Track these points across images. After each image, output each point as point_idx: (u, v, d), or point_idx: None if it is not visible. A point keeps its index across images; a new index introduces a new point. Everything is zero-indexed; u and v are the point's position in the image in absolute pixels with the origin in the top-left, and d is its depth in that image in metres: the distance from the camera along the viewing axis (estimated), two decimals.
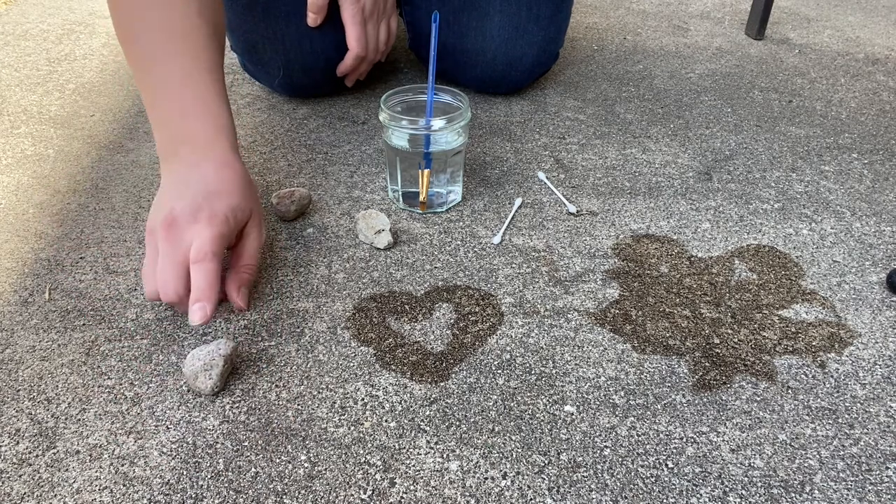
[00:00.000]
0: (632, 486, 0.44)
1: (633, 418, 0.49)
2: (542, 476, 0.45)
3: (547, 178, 0.76)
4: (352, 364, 0.52)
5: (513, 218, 0.70)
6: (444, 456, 0.46)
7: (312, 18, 0.80)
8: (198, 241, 0.52)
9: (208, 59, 0.61)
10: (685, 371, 0.53)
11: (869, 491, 0.44)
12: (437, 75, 0.67)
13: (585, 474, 0.45)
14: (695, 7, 1.34)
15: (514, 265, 0.63)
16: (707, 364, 0.53)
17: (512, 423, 0.48)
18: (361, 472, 0.45)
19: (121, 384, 0.50)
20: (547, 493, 0.43)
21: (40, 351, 0.53)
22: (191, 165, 0.57)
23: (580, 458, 0.46)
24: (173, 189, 0.56)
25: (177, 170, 0.57)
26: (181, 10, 0.59)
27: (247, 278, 0.57)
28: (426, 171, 0.66)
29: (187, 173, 0.56)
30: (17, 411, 0.48)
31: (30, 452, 0.45)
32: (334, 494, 0.43)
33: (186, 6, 0.59)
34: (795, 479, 0.45)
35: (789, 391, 0.51)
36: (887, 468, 0.46)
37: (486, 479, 0.44)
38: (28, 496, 0.43)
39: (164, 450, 0.46)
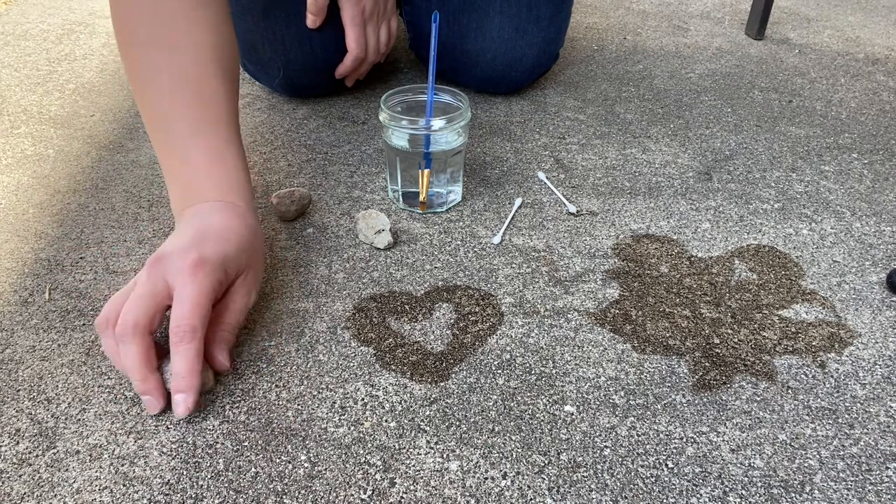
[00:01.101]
0: (632, 486, 0.44)
1: (633, 418, 0.49)
2: (542, 476, 0.44)
3: (547, 178, 0.76)
4: (352, 364, 0.52)
5: (513, 218, 0.70)
6: (444, 456, 0.46)
7: (312, 20, 0.80)
8: (179, 308, 0.46)
9: (221, 108, 0.58)
10: (685, 371, 0.53)
11: (869, 491, 0.44)
12: (437, 75, 0.67)
13: (585, 474, 0.45)
14: (695, 7, 1.34)
15: (514, 265, 0.63)
16: (707, 364, 0.53)
17: (512, 423, 0.48)
18: (361, 472, 0.45)
19: (121, 384, 0.50)
20: (547, 493, 0.43)
21: (40, 351, 0.53)
22: (199, 215, 0.53)
23: (580, 458, 0.46)
24: (173, 237, 0.52)
25: (185, 222, 0.53)
26: (193, 56, 0.57)
27: (227, 338, 0.51)
28: (426, 171, 0.66)
29: (194, 222, 0.53)
30: (17, 411, 0.48)
31: (30, 452, 0.45)
32: (334, 494, 0.43)
33: (199, 51, 0.57)
34: (795, 479, 0.45)
35: (789, 391, 0.51)
36: (887, 468, 0.46)
37: (486, 479, 0.44)
38: (28, 496, 0.43)
39: (164, 450, 0.46)
